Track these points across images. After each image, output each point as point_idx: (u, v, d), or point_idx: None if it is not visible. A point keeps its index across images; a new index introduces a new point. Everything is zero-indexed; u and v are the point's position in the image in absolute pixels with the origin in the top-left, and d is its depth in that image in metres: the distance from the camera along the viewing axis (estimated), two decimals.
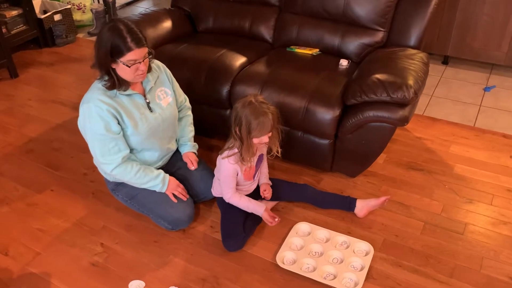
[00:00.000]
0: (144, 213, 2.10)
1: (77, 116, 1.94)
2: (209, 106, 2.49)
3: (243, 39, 2.77)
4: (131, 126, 1.90)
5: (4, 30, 3.55)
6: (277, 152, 2.02)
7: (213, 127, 2.61)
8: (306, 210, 2.18)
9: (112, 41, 1.73)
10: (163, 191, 2.02)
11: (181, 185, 2.09)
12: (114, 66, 1.80)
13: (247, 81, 2.34)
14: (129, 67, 1.77)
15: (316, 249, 1.95)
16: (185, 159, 2.19)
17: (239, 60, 2.49)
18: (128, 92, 1.89)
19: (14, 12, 3.71)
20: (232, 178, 1.97)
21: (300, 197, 2.19)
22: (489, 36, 3.28)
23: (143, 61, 1.80)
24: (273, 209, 2.18)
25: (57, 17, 4.03)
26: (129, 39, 1.74)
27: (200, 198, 2.18)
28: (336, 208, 2.17)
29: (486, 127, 2.81)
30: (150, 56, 1.86)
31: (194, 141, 2.27)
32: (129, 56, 1.75)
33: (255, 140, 1.87)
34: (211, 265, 1.91)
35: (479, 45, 3.35)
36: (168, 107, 2.05)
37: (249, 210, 2.02)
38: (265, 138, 1.87)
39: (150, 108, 1.98)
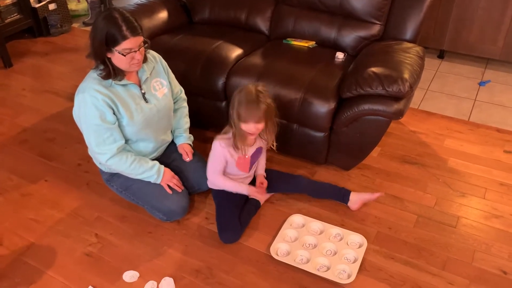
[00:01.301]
0: (139, 204, 2.10)
1: (71, 107, 1.93)
2: (205, 98, 2.48)
3: (239, 30, 2.76)
4: (126, 117, 1.90)
5: None
6: (272, 145, 2.02)
7: (209, 119, 2.61)
8: (300, 202, 2.19)
9: (107, 30, 1.72)
10: (158, 182, 2.02)
11: (176, 177, 2.08)
12: (109, 55, 1.79)
13: (242, 73, 2.34)
14: (125, 55, 1.76)
15: (310, 241, 1.96)
16: (180, 150, 2.19)
17: (235, 52, 2.48)
18: (123, 82, 1.88)
19: (8, 1, 3.67)
20: (219, 163, 1.97)
21: (295, 188, 2.20)
22: (485, 30, 3.28)
23: (139, 50, 1.79)
24: (267, 201, 2.18)
25: (52, 6, 3.99)
26: (124, 28, 1.73)
27: (195, 190, 2.18)
28: (330, 198, 2.17)
29: (480, 122, 2.82)
30: (146, 45, 1.85)
31: (190, 133, 2.27)
32: (124, 45, 1.74)
33: (243, 127, 1.86)
34: (205, 256, 1.92)
35: (475, 40, 3.36)
36: (163, 98, 2.05)
37: (234, 191, 2.04)
38: (251, 127, 1.85)
39: (145, 99, 1.97)
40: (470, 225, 2.07)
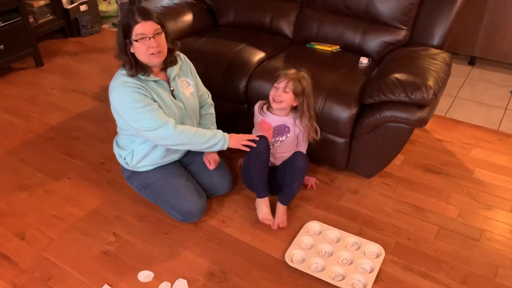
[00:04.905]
0: (157, 203, 2.11)
1: (98, 106, 1.97)
2: (226, 100, 2.48)
3: (263, 34, 2.75)
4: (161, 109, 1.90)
5: (31, 20, 3.63)
6: (315, 136, 2.08)
7: (230, 122, 2.60)
8: (318, 209, 2.16)
9: (123, 20, 1.80)
10: (225, 147, 1.95)
11: (245, 135, 1.99)
12: (132, 50, 1.83)
13: (264, 77, 2.32)
14: (137, 41, 1.79)
15: (326, 249, 1.93)
16: (204, 158, 2.15)
17: (258, 55, 2.47)
18: (153, 78, 1.90)
19: (42, 2, 3.79)
20: (256, 116, 2.18)
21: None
22: None
23: (153, 37, 1.80)
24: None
25: (83, 8, 4.10)
26: (136, 14, 1.78)
27: (211, 193, 2.18)
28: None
29: (510, 131, 2.72)
30: (162, 32, 1.83)
31: None
32: (136, 30, 1.78)
33: (274, 86, 2.03)
34: (220, 259, 1.92)
35: (508, 47, 3.24)
36: (190, 97, 2.06)
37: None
38: (280, 86, 1.99)
39: (173, 96, 1.98)
40: (494, 239, 1.99)
